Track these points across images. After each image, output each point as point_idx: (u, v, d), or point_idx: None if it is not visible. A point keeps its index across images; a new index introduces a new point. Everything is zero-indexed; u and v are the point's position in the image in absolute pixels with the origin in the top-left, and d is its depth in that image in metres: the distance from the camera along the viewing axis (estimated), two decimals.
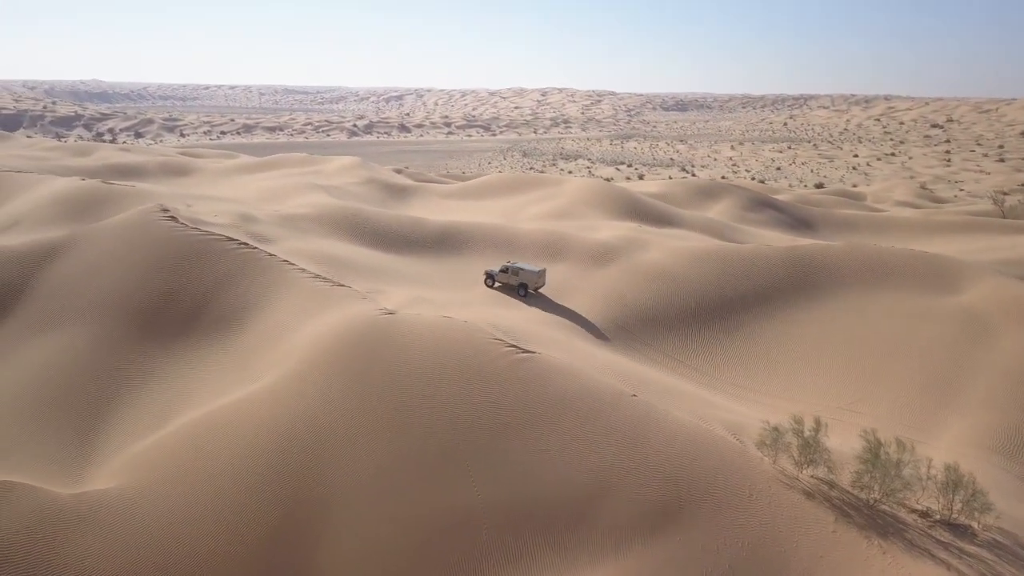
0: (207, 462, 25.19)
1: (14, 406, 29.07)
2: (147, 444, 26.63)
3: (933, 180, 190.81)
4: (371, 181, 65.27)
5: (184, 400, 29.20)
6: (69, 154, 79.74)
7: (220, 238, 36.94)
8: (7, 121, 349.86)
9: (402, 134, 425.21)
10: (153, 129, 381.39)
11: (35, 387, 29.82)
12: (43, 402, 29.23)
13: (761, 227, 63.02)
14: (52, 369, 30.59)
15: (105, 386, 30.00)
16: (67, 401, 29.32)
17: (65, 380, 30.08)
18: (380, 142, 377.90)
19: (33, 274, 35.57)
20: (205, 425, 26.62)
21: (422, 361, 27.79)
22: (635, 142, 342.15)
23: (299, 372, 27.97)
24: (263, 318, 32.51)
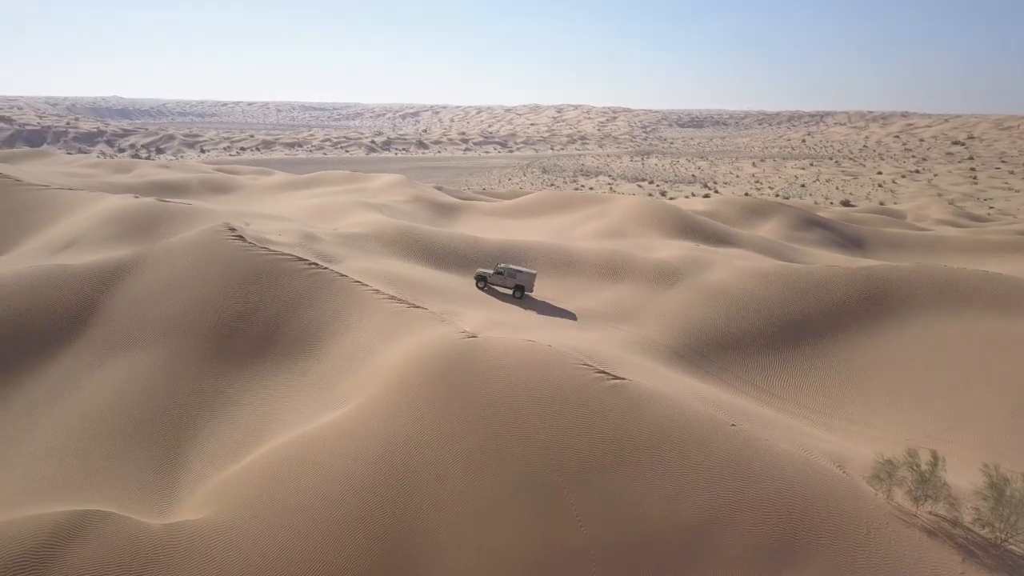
0: (299, 493, 24.34)
1: (95, 430, 28.37)
2: (234, 472, 25.83)
3: (961, 198, 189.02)
4: (418, 199, 64.74)
5: (266, 425, 28.42)
6: (110, 171, 79.74)
7: (290, 258, 36.31)
8: (32, 137, 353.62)
9: (420, 150, 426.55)
10: (174, 145, 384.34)
11: (114, 411, 29.12)
12: (124, 426, 28.51)
13: (813, 246, 61.95)
14: (130, 392, 29.91)
15: (185, 410, 29.27)
16: (148, 426, 28.59)
17: (144, 404, 29.38)
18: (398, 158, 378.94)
19: (100, 294, 35.02)
20: (292, 453, 25.80)
21: (513, 388, 26.90)
22: (655, 158, 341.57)
23: (386, 398, 27.15)
24: (340, 340, 31.76)
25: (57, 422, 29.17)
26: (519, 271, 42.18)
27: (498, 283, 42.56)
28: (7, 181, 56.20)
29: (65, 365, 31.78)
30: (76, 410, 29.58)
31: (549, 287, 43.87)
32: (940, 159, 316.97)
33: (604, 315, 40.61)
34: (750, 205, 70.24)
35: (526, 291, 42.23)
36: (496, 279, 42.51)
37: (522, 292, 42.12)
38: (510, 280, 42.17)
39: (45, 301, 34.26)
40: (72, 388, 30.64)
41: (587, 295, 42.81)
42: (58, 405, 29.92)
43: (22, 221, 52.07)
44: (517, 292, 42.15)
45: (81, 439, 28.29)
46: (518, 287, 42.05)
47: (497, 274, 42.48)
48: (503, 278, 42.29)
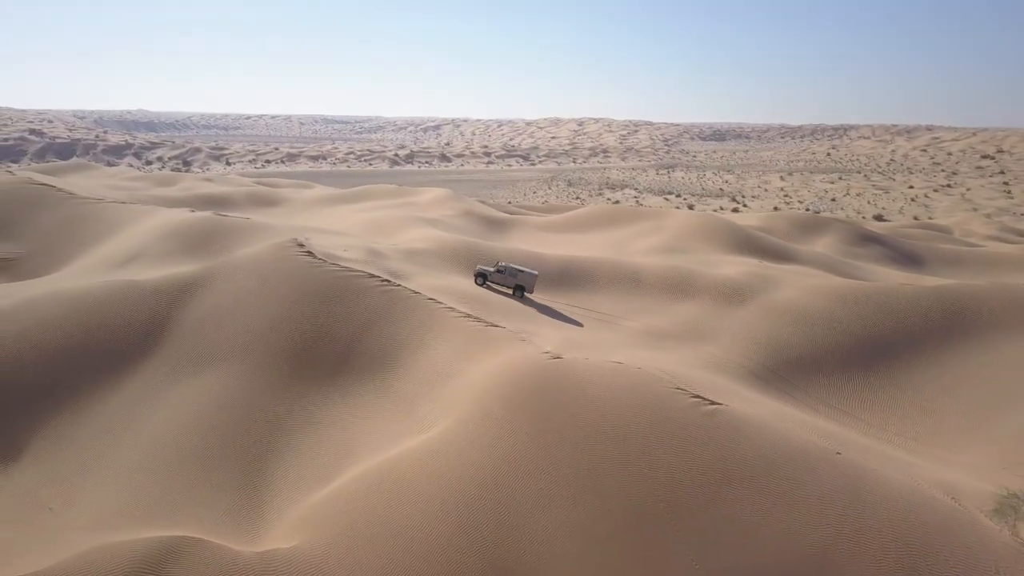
0: (393, 522, 23.45)
1: (175, 451, 27.70)
2: (322, 497, 25.02)
3: (997, 212, 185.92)
4: (467, 213, 64.12)
5: (350, 448, 27.61)
6: (153, 184, 79.82)
7: (362, 274, 35.62)
8: (61, 149, 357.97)
9: (443, 164, 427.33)
10: (200, 158, 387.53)
11: (193, 431, 28.44)
12: (204, 447, 27.82)
13: (871, 262, 60.57)
14: (208, 412, 29.23)
15: (266, 431, 28.55)
16: (228, 447, 27.88)
17: (223, 424, 28.68)
18: (422, 171, 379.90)
19: (172, 310, 34.48)
20: (383, 478, 24.94)
21: (607, 414, 25.92)
22: (681, 172, 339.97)
23: (474, 423, 26.26)
24: (419, 360, 30.95)
25: (135, 443, 28.53)
26: (520, 271, 41.65)
27: (498, 281, 42.00)
28: (61, 195, 56.14)
29: (140, 383, 31.19)
30: (154, 430, 28.94)
31: (614, 304, 42.93)
32: (970, 173, 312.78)
33: (675, 334, 39.57)
34: (802, 220, 68.98)
35: (526, 292, 41.68)
36: (496, 277, 41.96)
37: (522, 292, 41.59)
38: (510, 279, 41.64)
39: (117, 317, 33.76)
40: (148, 407, 30.02)
41: (656, 313, 41.79)
42: (135, 425, 29.30)
43: (78, 234, 51.89)
44: (517, 292, 41.60)
45: (161, 461, 27.62)
46: (518, 287, 41.57)
47: (498, 272, 41.93)
48: (503, 277, 41.75)
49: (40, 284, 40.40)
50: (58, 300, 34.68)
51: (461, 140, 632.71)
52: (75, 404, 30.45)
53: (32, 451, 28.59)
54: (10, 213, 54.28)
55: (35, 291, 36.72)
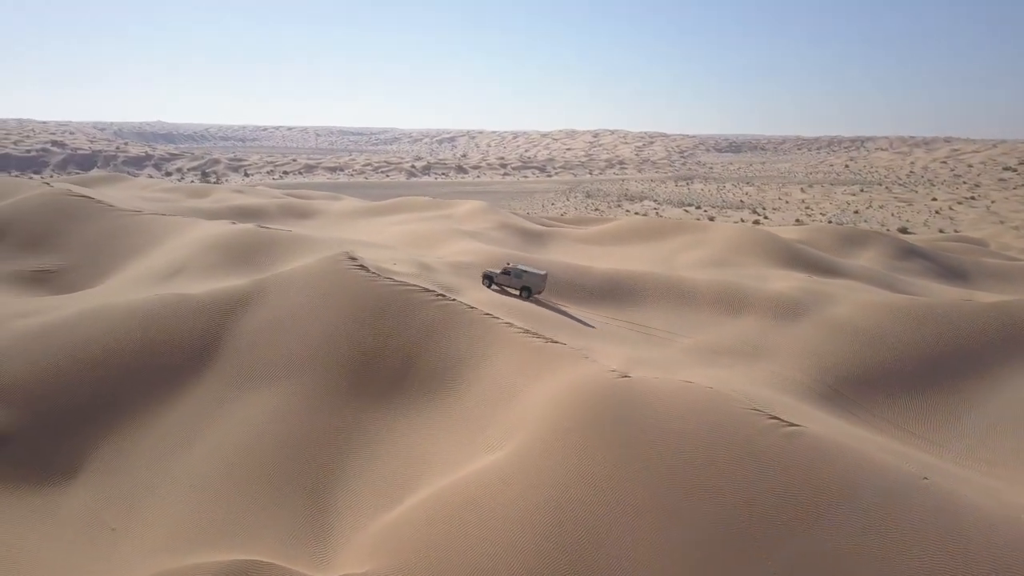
0: (466, 546, 22.60)
1: (234, 471, 27.03)
2: (392, 519, 24.23)
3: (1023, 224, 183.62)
4: (505, 226, 63.49)
5: (415, 468, 26.84)
6: (186, 196, 79.73)
7: (416, 288, 34.94)
8: (83, 160, 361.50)
9: (459, 175, 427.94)
10: (219, 169, 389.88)
11: (253, 450, 27.77)
12: (264, 467, 27.12)
13: (917, 276, 59.41)
14: (267, 430, 28.57)
15: (327, 450, 27.84)
16: (289, 466, 27.18)
17: (283, 442, 28.00)
18: (439, 183, 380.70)
19: (224, 325, 33.91)
20: (454, 501, 24.13)
21: (681, 434, 25.04)
22: (700, 183, 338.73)
23: (545, 443, 25.41)
24: (480, 377, 30.19)
25: (194, 461, 27.89)
26: (525, 271, 41.51)
27: (504, 283, 41.93)
28: (101, 207, 55.94)
29: (196, 400, 30.60)
30: (213, 448, 28.30)
31: (666, 320, 42.06)
32: (993, 185, 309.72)
33: (731, 351, 38.62)
34: (843, 233, 67.87)
35: (533, 293, 41.47)
36: (502, 279, 41.92)
37: (529, 294, 41.43)
38: (516, 281, 41.58)
39: (170, 331, 33.24)
40: (206, 424, 29.40)
41: (709, 329, 40.88)
42: (193, 443, 28.67)
43: (118, 246, 51.61)
44: (523, 293, 41.50)
45: (221, 480, 26.95)
46: (524, 288, 41.53)
47: (503, 274, 41.91)
48: (509, 278, 41.72)
49: (87, 297, 40.02)
50: (109, 314, 34.20)
51: (477, 152, 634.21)
52: (131, 421, 29.88)
53: (90, 469, 28.02)
54: (50, 225, 54.12)
55: (84, 305, 36.29)
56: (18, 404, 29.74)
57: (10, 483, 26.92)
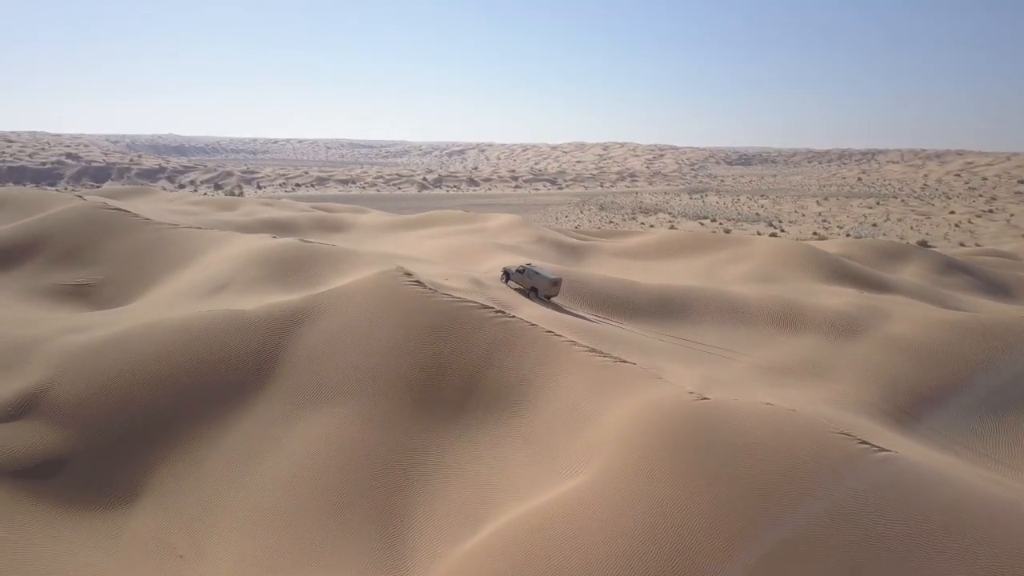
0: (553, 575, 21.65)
1: (302, 495, 26.13)
2: (472, 548, 23.27)
3: None
4: (541, 239, 62.68)
5: (490, 493, 25.87)
6: (215, 208, 79.25)
7: (474, 305, 34.07)
8: (97, 173, 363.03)
9: (471, 188, 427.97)
10: (232, 181, 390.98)
11: (319, 472, 26.87)
12: (332, 490, 26.21)
13: (963, 292, 58.27)
14: (332, 451, 27.66)
15: (395, 473, 26.91)
16: (358, 490, 26.26)
17: (350, 465, 27.09)
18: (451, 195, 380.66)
19: (280, 342, 33.09)
20: (536, 528, 23.12)
21: (770, 459, 23.99)
22: (715, 196, 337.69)
23: (628, 468, 24.42)
24: (548, 397, 29.22)
25: (258, 485, 27.02)
26: (536, 273, 42.49)
27: (518, 281, 43.43)
28: (137, 220, 55.38)
29: (255, 419, 29.75)
30: (276, 470, 27.42)
31: (721, 337, 41.04)
32: (1010, 198, 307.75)
33: (793, 370, 37.57)
34: (883, 248, 66.78)
35: (540, 295, 42.21)
36: (517, 277, 43.43)
37: (537, 295, 42.18)
38: (527, 281, 42.79)
39: (226, 349, 32.44)
40: (267, 446, 28.53)
41: (767, 347, 39.86)
42: (256, 464, 27.80)
43: (156, 260, 50.98)
44: (532, 294, 42.32)
45: (288, 503, 26.05)
46: (532, 289, 42.50)
47: (518, 272, 43.40)
48: (522, 277, 43.10)
49: (134, 312, 39.32)
50: (162, 330, 33.45)
51: (487, 164, 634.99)
52: (189, 441, 29.05)
53: (150, 491, 27.19)
54: (86, 238, 53.58)
55: (135, 321, 35.58)
56: (74, 424, 28.98)
57: (71, 507, 26.12)
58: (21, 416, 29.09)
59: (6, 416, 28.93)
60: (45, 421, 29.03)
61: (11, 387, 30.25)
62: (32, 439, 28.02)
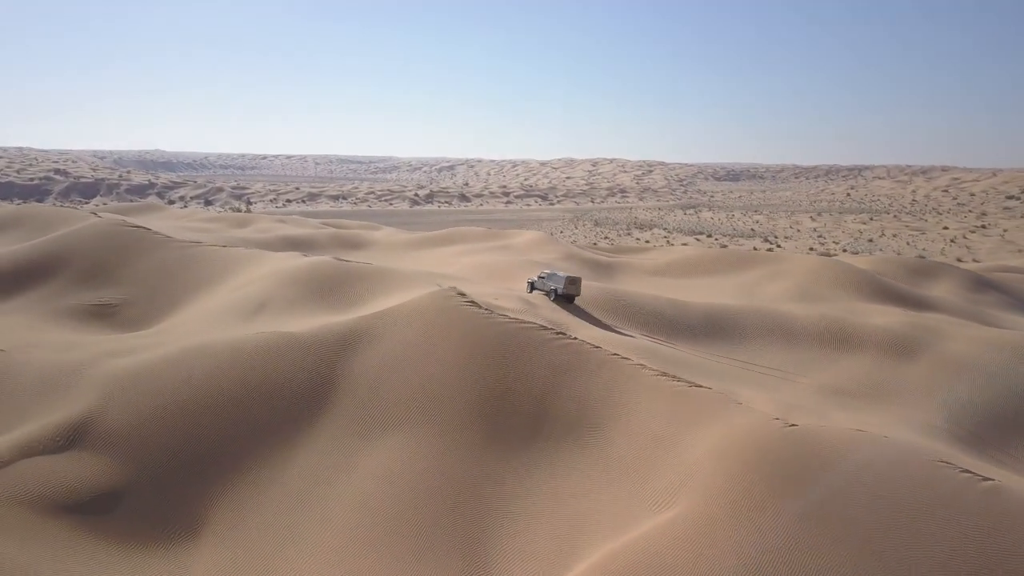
0: None
1: (375, 530, 24.79)
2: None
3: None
4: (571, 256, 61.71)
5: (576, 525, 24.63)
6: (229, 226, 77.75)
7: (533, 326, 32.92)
8: (86, 189, 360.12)
9: (463, 203, 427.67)
10: (222, 197, 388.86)
11: (391, 505, 25.55)
12: (408, 525, 24.89)
13: (997, 309, 57.72)
14: (403, 483, 26.35)
15: (475, 504, 25.65)
16: (436, 524, 24.95)
17: (424, 497, 25.79)
18: (443, 211, 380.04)
19: (336, 366, 31.78)
20: (639, 562, 21.89)
21: (871, 489, 22.93)
22: (709, 212, 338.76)
23: (724, 498, 23.27)
24: (624, 424, 28.06)
25: (328, 518, 25.67)
26: (554, 275, 44.92)
27: (540, 287, 45.80)
28: (159, 238, 53.96)
29: (318, 448, 28.41)
30: (346, 503, 26.08)
31: (775, 358, 40.11)
32: (1000, 214, 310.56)
33: (854, 392, 36.62)
34: (912, 265, 66.27)
35: (561, 294, 43.85)
36: (538, 283, 45.97)
37: (556, 295, 44.02)
38: (547, 285, 45.08)
39: (280, 374, 31.11)
40: (334, 477, 27.19)
41: (824, 368, 38.94)
42: (323, 497, 26.45)
43: (181, 279, 49.54)
44: (551, 295, 44.35)
45: (363, 538, 24.70)
46: (553, 291, 44.30)
47: (540, 279, 46.04)
48: (542, 282, 45.65)
49: (173, 335, 37.89)
50: (210, 355, 32.07)
51: (477, 180, 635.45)
52: (251, 471, 27.68)
53: (213, 525, 25.79)
54: (107, 257, 52.07)
55: (178, 344, 34.17)
56: (128, 454, 27.56)
57: (131, 544, 24.68)
58: (71, 446, 27.64)
59: (55, 446, 27.48)
60: (97, 450, 27.59)
61: (58, 414, 28.82)
62: (85, 470, 26.59)
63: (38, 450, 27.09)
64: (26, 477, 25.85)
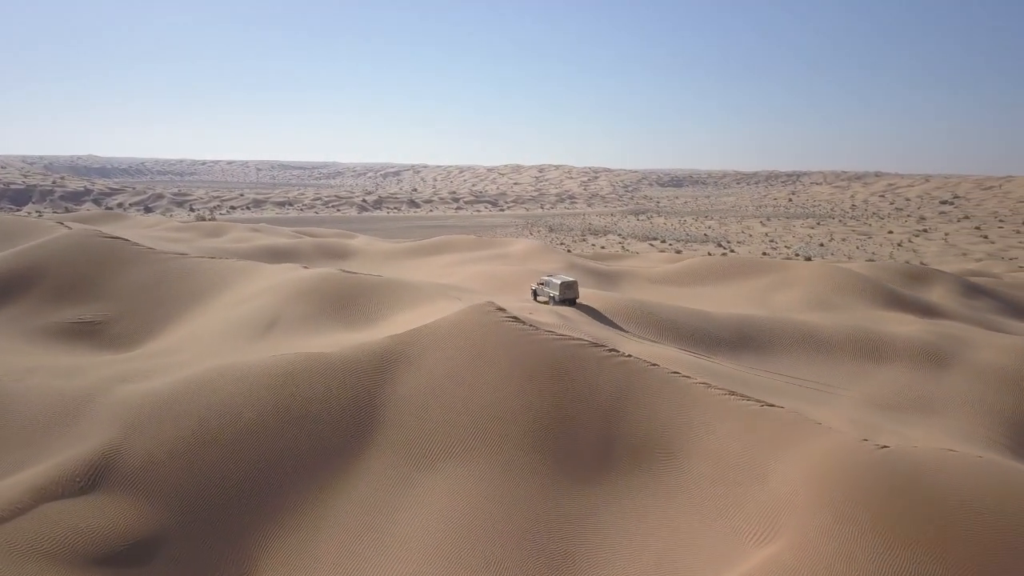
0: None
1: (449, 568, 22.55)
2: None
3: (986, 257, 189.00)
4: (573, 266, 59.96)
5: (668, 561, 22.81)
6: (201, 235, 73.77)
7: (583, 343, 31.04)
8: (17, 196, 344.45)
9: (412, 209, 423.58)
10: (163, 204, 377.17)
11: (467, 546, 23.34)
12: (487, 564, 22.74)
13: (994, 314, 58.17)
14: (476, 521, 24.16)
15: (550, 540, 23.62)
16: (515, 561, 22.85)
17: (502, 535, 23.66)
18: (392, 217, 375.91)
19: (375, 390, 29.34)
20: None
21: (985, 517, 21.77)
22: (661, 218, 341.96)
23: (830, 530, 21.79)
24: (701, 450, 26.37)
25: (391, 562, 23.29)
26: (550, 280, 45.87)
27: (541, 294, 46.48)
28: (139, 249, 50.35)
29: (371, 482, 25.98)
30: (408, 544, 23.76)
31: (810, 369, 39.09)
32: (936, 218, 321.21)
33: (898, 405, 35.74)
34: (908, 271, 66.47)
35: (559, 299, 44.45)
36: (540, 291, 46.77)
37: (554, 302, 44.66)
38: (547, 291, 45.84)
39: (316, 401, 28.54)
40: (393, 513, 24.84)
41: (861, 380, 38.04)
42: (383, 538, 24.08)
43: (168, 293, 46.19)
44: (551, 302, 45.07)
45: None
46: (551, 297, 45.31)
47: (540, 285, 46.96)
48: (543, 289, 46.41)
49: (181, 357, 34.81)
50: (235, 380, 29.29)
51: (425, 186, 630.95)
52: (297, 512, 25.11)
53: (271, 563, 23.16)
54: (85, 271, 48.30)
55: (195, 368, 31.23)
56: (160, 495, 24.74)
57: None
58: (94, 487, 24.66)
59: (76, 488, 24.47)
60: (125, 491, 24.67)
61: (74, 451, 25.77)
62: (115, 515, 23.66)
63: (58, 493, 24.06)
64: (48, 525, 22.83)
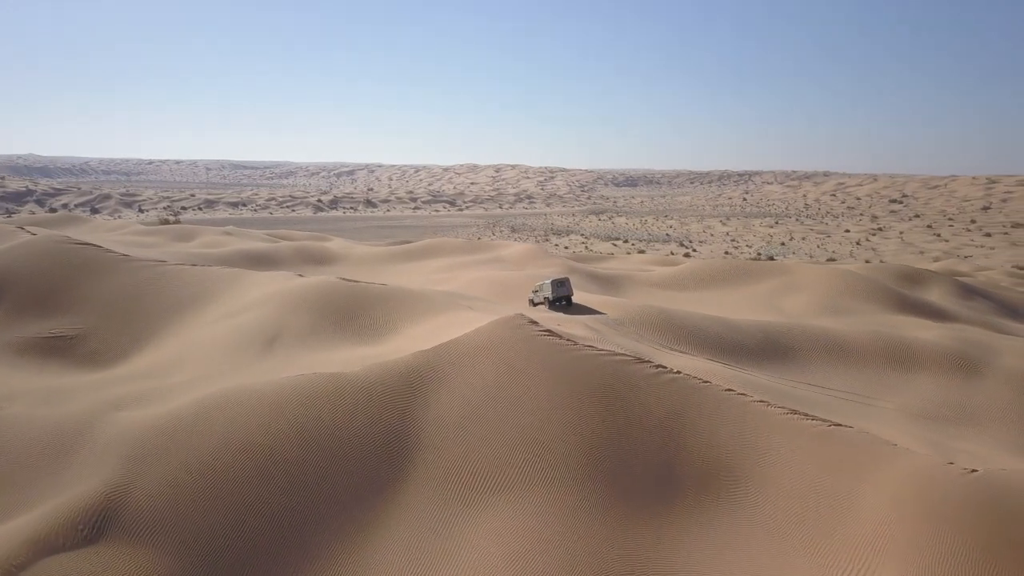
0: None
1: None
2: None
3: (943, 255, 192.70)
4: (572, 271, 57.59)
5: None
6: (170, 239, 69.44)
7: (628, 359, 28.65)
8: None
9: (369, 209, 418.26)
10: (111, 204, 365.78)
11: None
12: None
13: (992, 316, 57.68)
14: (531, 561, 21.64)
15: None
16: None
17: (563, 573, 21.19)
18: (348, 217, 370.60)
19: (406, 415, 26.56)
20: None
21: None
22: (623, 218, 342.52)
23: (931, 565, 19.98)
24: (772, 475, 24.24)
25: None
26: (544, 284, 45.09)
27: (539, 299, 45.40)
28: (114, 256, 46.48)
29: (411, 521, 23.23)
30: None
31: (843, 379, 37.43)
32: (887, 217, 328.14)
33: (938, 415, 34.25)
34: (903, 273, 65.72)
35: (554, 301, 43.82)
36: (536, 296, 45.74)
37: (551, 304, 43.93)
38: (543, 295, 44.95)
39: (343, 428, 25.66)
40: (437, 547, 22.16)
41: (898, 390, 36.52)
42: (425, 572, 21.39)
43: (149, 304, 42.58)
44: (547, 304, 44.43)
45: None
46: (545, 299, 44.63)
47: (535, 292, 46.05)
48: (537, 295, 45.61)
49: (174, 375, 31.52)
50: (251, 405, 26.21)
51: (380, 185, 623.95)
52: (339, 551, 22.27)
53: None
54: (53, 280, 44.34)
55: (199, 392, 28.03)
56: (177, 544, 21.63)
57: None
58: (100, 536, 21.45)
59: (79, 538, 21.25)
60: (133, 541, 21.51)
61: (75, 494, 22.49)
62: (128, 570, 20.52)
63: (59, 545, 20.82)
64: None
